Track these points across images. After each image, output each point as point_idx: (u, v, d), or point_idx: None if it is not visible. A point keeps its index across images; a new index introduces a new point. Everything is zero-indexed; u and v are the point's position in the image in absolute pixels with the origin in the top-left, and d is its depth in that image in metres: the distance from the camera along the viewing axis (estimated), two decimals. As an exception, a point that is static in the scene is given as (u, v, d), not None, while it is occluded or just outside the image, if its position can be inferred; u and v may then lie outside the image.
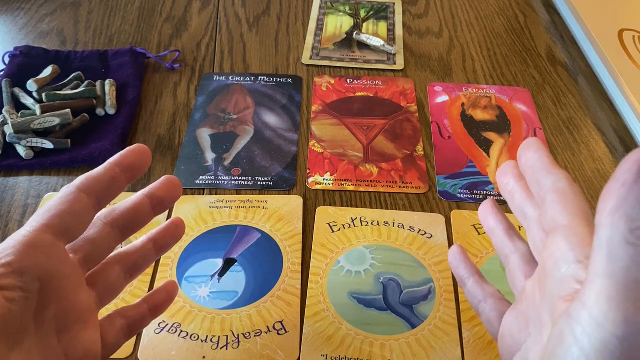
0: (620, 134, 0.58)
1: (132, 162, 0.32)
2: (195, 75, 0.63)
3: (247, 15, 0.72)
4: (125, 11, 0.72)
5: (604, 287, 0.21)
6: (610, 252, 0.21)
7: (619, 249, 0.21)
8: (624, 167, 0.21)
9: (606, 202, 0.21)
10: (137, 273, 0.35)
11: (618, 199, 0.21)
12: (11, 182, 0.51)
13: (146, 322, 0.36)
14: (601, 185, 0.53)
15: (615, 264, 0.21)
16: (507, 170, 0.34)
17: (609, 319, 0.20)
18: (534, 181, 0.30)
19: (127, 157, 0.32)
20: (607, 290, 0.21)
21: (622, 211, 0.21)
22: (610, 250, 0.21)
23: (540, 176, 0.30)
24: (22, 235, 0.27)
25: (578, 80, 0.65)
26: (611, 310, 0.20)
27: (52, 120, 0.53)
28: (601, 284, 0.21)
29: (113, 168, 0.32)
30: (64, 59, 0.62)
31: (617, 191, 0.21)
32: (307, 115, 0.59)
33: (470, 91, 0.62)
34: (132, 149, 0.33)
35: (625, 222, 0.21)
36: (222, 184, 0.51)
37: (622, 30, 0.67)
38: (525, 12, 0.75)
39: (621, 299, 0.20)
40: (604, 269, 0.21)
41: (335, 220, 0.48)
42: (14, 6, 0.72)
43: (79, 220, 0.30)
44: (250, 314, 0.42)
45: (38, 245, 0.27)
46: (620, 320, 0.20)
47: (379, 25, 0.72)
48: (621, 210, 0.21)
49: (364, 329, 0.41)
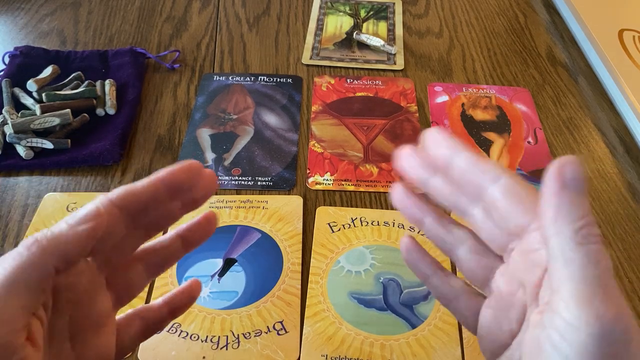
0: (620, 134, 0.58)
1: (178, 181, 0.29)
2: (195, 75, 0.63)
3: (247, 15, 0.72)
4: (125, 11, 0.72)
5: (570, 291, 0.22)
6: (565, 258, 0.22)
7: (571, 252, 0.22)
8: (550, 177, 0.23)
9: (546, 214, 0.23)
10: (161, 271, 0.33)
11: (554, 207, 0.23)
12: (11, 182, 0.51)
13: (164, 324, 0.34)
14: (601, 186, 0.53)
15: (572, 266, 0.22)
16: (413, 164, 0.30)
17: (582, 320, 0.21)
18: (463, 181, 0.28)
19: (173, 175, 0.29)
20: (573, 293, 0.21)
21: (562, 217, 0.23)
22: (563, 255, 0.22)
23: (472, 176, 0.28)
24: None
25: (578, 80, 0.65)
26: (582, 312, 0.21)
27: (52, 120, 0.53)
28: (566, 289, 0.22)
29: (156, 184, 0.29)
30: (64, 59, 0.62)
31: (551, 201, 0.23)
32: (307, 115, 0.59)
33: (470, 91, 0.62)
34: (181, 166, 0.29)
35: (568, 226, 0.22)
36: (222, 184, 0.51)
37: (622, 30, 0.67)
38: (525, 12, 0.75)
39: (588, 298, 0.21)
40: (564, 275, 0.22)
41: (335, 220, 0.48)
42: (14, 6, 0.72)
43: (103, 241, 0.27)
44: (250, 314, 0.42)
45: None
46: (593, 319, 0.21)
47: (379, 25, 0.72)
48: (560, 216, 0.23)
49: (364, 329, 0.41)
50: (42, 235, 0.25)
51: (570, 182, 0.23)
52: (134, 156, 0.54)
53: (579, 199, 0.23)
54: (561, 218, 0.23)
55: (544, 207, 0.23)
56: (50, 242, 0.25)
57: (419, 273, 0.33)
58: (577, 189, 0.23)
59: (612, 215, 0.50)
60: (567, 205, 0.23)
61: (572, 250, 0.22)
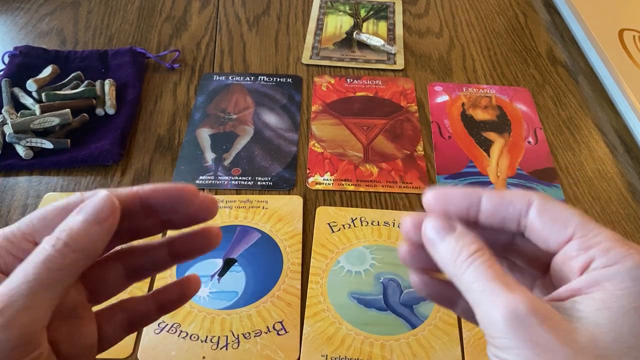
0: (620, 134, 0.58)
1: (156, 200, 0.27)
2: (195, 75, 0.63)
3: (247, 15, 0.72)
4: (125, 11, 0.72)
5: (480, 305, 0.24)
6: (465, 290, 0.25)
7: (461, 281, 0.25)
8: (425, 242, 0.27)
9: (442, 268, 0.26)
10: (142, 277, 0.31)
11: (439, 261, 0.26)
12: (11, 182, 0.51)
13: (152, 319, 0.32)
14: (601, 186, 0.53)
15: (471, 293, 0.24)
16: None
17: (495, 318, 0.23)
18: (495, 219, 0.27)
19: (152, 193, 0.28)
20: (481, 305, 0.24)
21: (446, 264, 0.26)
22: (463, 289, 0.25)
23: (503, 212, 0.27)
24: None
25: (578, 80, 0.65)
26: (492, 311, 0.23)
27: (52, 120, 0.52)
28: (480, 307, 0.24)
29: (133, 197, 0.28)
30: (64, 58, 0.62)
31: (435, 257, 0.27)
32: (307, 115, 0.59)
33: (471, 91, 0.62)
34: (168, 187, 0.28)
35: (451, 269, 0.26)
36: (222, 184, 0.51)
37: (622, 30, 0.67)
38: (526, 11, 0.75)
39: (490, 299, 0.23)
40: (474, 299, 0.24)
41: (335, 220, 0.48)
42: (13, 6, 0.72)
43: None
44: (250, 314, 0.42)
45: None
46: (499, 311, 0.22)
47: (379, 25, 0.72)
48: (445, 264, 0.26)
49: (364, 329, 0.41)
50: (66, 235, 0.25)
51: (432, 239, 0.26)
52: (133, 156, 0.54)
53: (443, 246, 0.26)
54: (444, 266, 0.26)
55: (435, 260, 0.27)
56: (74, 240, 0.25)
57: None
58: (439, 238, 0.26)
59: (612, 215, 0.50)
60: (439, 255, 0.26)
61: (461, 285, 0.25)
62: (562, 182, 0.53)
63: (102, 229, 0.26)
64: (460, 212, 0.27)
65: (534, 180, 0.53)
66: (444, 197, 0.28)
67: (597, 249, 0.24)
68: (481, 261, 0.24)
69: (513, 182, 0.52)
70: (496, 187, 0.52)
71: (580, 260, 0.24)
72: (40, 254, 0.25)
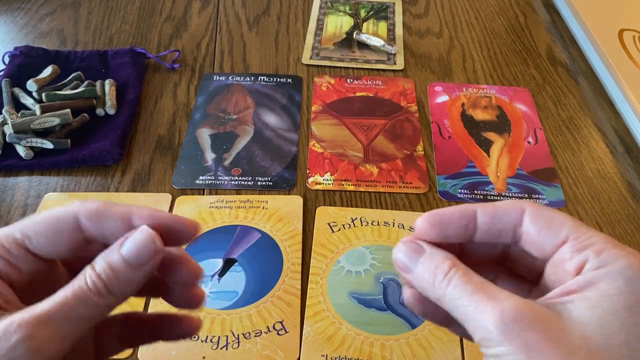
0: (620, 134, 0.58)
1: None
2: (195, 75, 0.63)
3: (247, 15, 0.72)
4: (125, 11, 0.72)
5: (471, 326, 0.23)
6: (449, 307, 0.24)
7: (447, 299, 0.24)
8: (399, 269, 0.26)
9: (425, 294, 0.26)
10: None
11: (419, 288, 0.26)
12: (11, 182, 0.51)
13: (145, 342, 0.31)
14: (601, 186, 0.53)
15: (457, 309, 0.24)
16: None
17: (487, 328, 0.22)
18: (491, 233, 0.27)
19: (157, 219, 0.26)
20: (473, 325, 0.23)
21: (426, 289, 0.25)
22: (447, 306, 0.24)
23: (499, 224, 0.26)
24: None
25: (578, 80, 0.65)
26: (482, 321, 0.22)
27: (52, 120, 0.52)
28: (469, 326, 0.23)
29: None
30: (64, 59, 0.62)
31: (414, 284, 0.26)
32: (307, 115, 0.59)
33: (470, 91, 0.62)
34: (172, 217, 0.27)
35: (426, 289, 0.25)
36: (222, 184, 0.51)
37: (622, 30, 0.67)
38: (525, 12, 0.75)
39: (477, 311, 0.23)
40: (460, 318, 0.24)
41: (335, 220, 0.48)
42: (13, 6, 0.72)
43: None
44: (250, 314, 0.42)
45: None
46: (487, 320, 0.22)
47: (379, 25, 0.72)
48: (425, 289, 0.25)
49: (364, 329, 0.41)
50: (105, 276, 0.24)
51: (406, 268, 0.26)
52: (133, 156, 0.54)
53: (417, 273, 0.25)
54: (425, 292, 0.25)
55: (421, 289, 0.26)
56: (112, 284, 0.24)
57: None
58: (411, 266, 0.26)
59: (612, 215, 0.50)
60: (417, 283, 0.26)
61: (446, 304, 0.24)
62: (561, 182, 0.53)
63: (140, 273, 0.25)
64: (458, 233, 0.27)
65: (534, 181, 0.53)
66: (439, 221, 0.27)
67: (591, 251, 0.24)
68: (458, 277, 0.24)
69: (513, 182, 0.52)
70: (496, 187, 0.52)
71: (574, 262, 0.24)
72: (77, 287, 0.24)
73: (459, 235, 0.27)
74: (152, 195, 0.50)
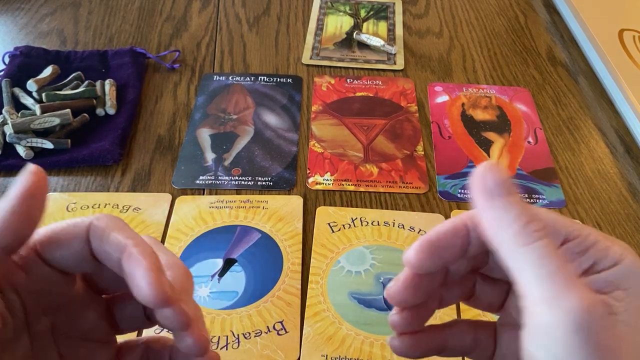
0: (620, 134, 0.58)
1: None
2: (195, 75, 0.63)
3: (247, 15, 0.72)
4: (125, 11, 0.72)
5: (538, 294, 0.21)
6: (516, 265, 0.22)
7: (520, 257, 0.21)
8: (475, 191, 0.23)
9: (485, 229, 0.23)
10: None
11: (489, 220, 0.23)
12: (11, 182, 0.51)
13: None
14: (601, 186, 0.53)
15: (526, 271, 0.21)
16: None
17: (560, 317, 0.20)
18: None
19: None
20: (541, 294, 0.21)
21: (498, 226, 0.22)
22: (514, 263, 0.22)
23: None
24: None
25: (578, 80, 0.65)
26: (557, 308, 0.20)
27: (52, 120, 0.52)
28: (533, 295, 0.21)
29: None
30: (64, 59, 0.62)
31: (484, 215, 0.23)
32: (307, 115, 0.59)
33: (471, 91, 0.62)
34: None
35: (506, 233, 0.22)
36: (222, 184, 0.51)
37: (622, 30, 0.67)
38: (526, 12, 0.75)
39: (556, 292, 0.20)
40: (523, 281, 0.21)
41: (335, 220, 0.48)
42: (14, 6, 0.72)
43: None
44: (250, 314, 0.42)
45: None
46: (569, 309, 0.20)
47: (379, 25, 0.72)
48: (496, 226, 0.22)
49: (364, 329, 0.41)
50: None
51: (495, 190, 0.22)
52: (133, 156, 0.54)
53: (509, 202, 0.22)
54: (498, 227, 0.22)
55: (482, 222, 0.23)
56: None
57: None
58: (504, 193, 0.22)
59: (612, 215, 0.50)
60: (499, 213, 0.22)
61: (520, 255, 0.21)
62: (561, 182, 0.53)
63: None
64: (454, 254, 0.25)
65: (534, 181, 0.53)
66: (435, 248, 0.25)
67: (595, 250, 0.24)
68: (547, 243, 0.21)
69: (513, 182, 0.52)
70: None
71: (584, 263, 0.24)
72: None
73: (454, 257, 0.25)
74: (152, 195, 0.50)
